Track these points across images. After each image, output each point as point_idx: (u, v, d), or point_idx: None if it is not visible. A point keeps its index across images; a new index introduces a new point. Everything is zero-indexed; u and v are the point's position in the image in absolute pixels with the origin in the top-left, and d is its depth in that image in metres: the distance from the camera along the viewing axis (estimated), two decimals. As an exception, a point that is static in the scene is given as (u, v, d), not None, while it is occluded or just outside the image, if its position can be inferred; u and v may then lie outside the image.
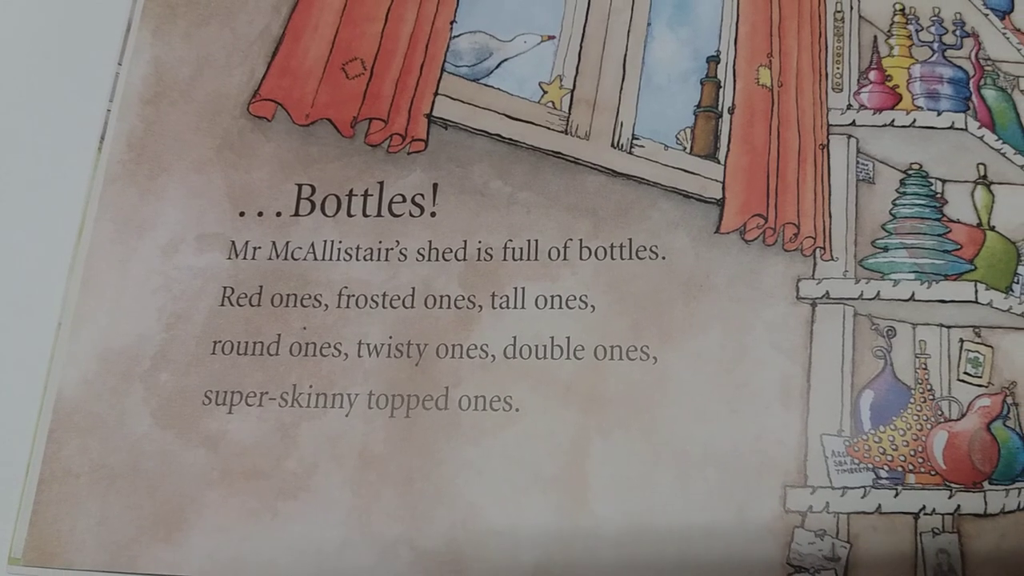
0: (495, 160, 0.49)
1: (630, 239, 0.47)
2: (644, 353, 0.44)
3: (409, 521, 0.43)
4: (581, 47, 0.50)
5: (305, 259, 0.48)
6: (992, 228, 0.47)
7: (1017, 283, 0.45)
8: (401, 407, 0.45)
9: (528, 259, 0.47)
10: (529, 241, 0.47)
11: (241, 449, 0.45)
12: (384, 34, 0.52)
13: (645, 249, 0.46)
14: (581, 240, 0.47)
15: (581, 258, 0.46)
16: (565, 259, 0.47)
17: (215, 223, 0.49)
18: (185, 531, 0.43)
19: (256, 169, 0.50)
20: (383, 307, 0.47)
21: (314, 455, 0.44)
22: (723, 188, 0.47)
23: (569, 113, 0.49)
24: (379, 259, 0.48)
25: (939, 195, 0.47)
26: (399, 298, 0.47)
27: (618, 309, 0.45)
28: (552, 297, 0.46)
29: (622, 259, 0.46)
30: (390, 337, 0.46)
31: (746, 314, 0.45)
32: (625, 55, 0.50)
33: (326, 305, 0.47)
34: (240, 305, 0.48)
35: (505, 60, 0.51)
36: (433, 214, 0.48)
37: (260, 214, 0.49)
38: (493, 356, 0.45)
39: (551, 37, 0.51)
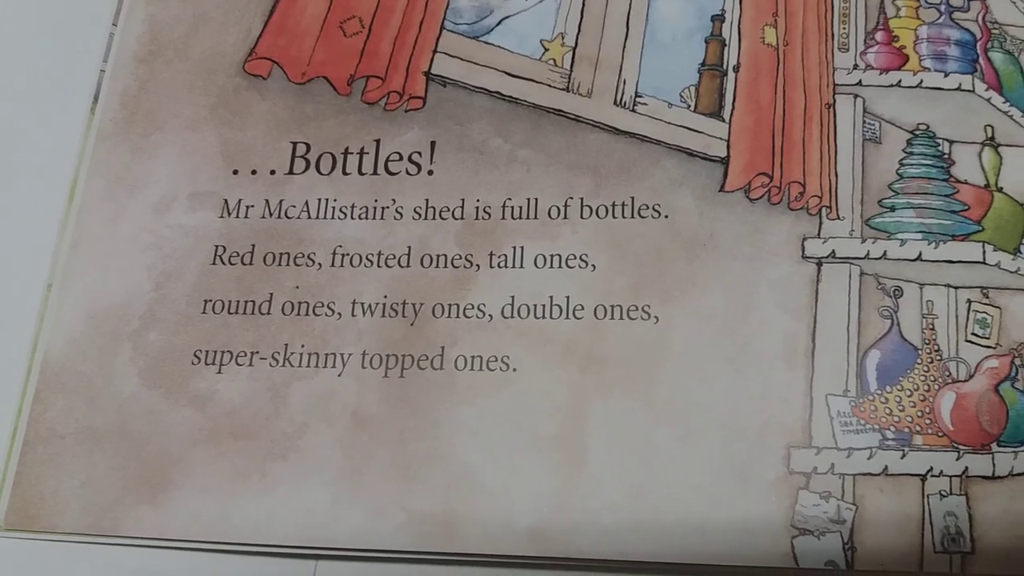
0: (495, 118, 0.48)
1: (632, 198, 0.45)
2: (645, 312, 0.43)
3: (401, 482, 0.41)
4: (584, 4, 0.50)
5: (299, 218, 0.47)
6: (1000, 190, 0.46)
7: (1025, 245, 0.44)
8: (395, 367, 0.43)
9: (527, 218, 0.46)
10: (529, 199, 0.46)
11: (230, 409, 0.43)
12: (382, -8, 0.51)
13: (647, 208, 0.45)
14: (582, 199, 0.46)
15: (582, 217, 0.45)
16: (566, 218, 0.45)
17: (208, 181, 0.48)
18: (171, 492, 0.42)
19: (251, 127, 0.49)
20: (378, 266, 0.45)
21: (305, 415, 0.43)
22: (727, 146, 0.46)
23: (571, 71, 0.48)
24: (374, 218, 0.46)
25: (946, 156, 0.46)
26: (394, 257, 0.45)
27: (619, 268, 0.44)
28: (552, 256, 0.45)
29: (624, 218, 0.45)
30: (385, 296, 0.45)
31: (750, 273, 0.43)
32: (629, 12, 0.49)
33: (320, 264, 0.46)
34: (232, 264, 0.46)
35: (506, 17, 0.50)
36: (431, 172, 0.47)
37: (254, 172, 0.48)
38: (490, 316, 0.44)
39: (553, -6, 0.50)
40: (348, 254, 0.46)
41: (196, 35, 0.52)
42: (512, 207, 0.46)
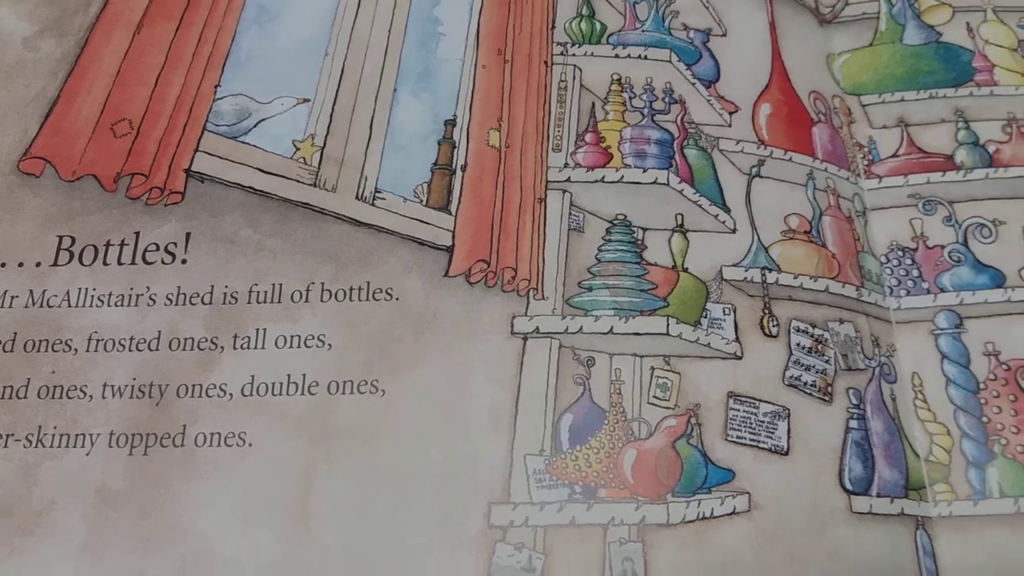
0: (246, 210, 0.52)
1: (368, 282, 0.50)
2: (373, 387, 0.48)
3: (140, 554, 0.44)
4: (333, 109, 0.55)
5: (60, 306, 0.50)
6: (685, 270, 0.53)
7: (705, 317, 0.51)
8: (140, 445, 0.47)
9: (271, 302, 0.50)
10: (273, 285, 0.50)
11: (-17, 490, 0.46)
12: (153, 97, 0.55)
13: (381, 291, 0.50)
14: (323, 283, 0.50)
15: (322, 300, 0.50)
16: (307, 301, 0.50)
17: (-25, 274, 0.51)
18: (-84, 574, 0.44)
19: (21, 222, 0.52)
20: (129, 350, 0.49)
21: (53, 493, 0.45)
22: (453, 236, 0.52)
23: (319, 168, 0.54)
24: (129, 305, 0.50)
25: (640, 241, 0.53)
26: (145, 341, 0.49)
27: (353, 347, 0.49)
28: (292, 337, 0.49)
29: (360, 301, 0.50)
30: (134, 379, 0.48)
31: (466, 349, 0.49)
32: (373, 117, 0.55)
33: (76, 350, 0.49)
34: (-7, 352, 0.49)
35: (263, 120, 0.55)
36: (184, 261, 0.51)
37: (20, 264, 0.51)
38: (231, 395, 0.48)
39: (306, 100, 0.56)
40: (103, 339, 0.49)
41: (-25, 135, 0.55)
42: (258, 292, 0.50)
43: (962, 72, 0.63)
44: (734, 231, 0.54)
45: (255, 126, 0.55)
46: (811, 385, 0.50)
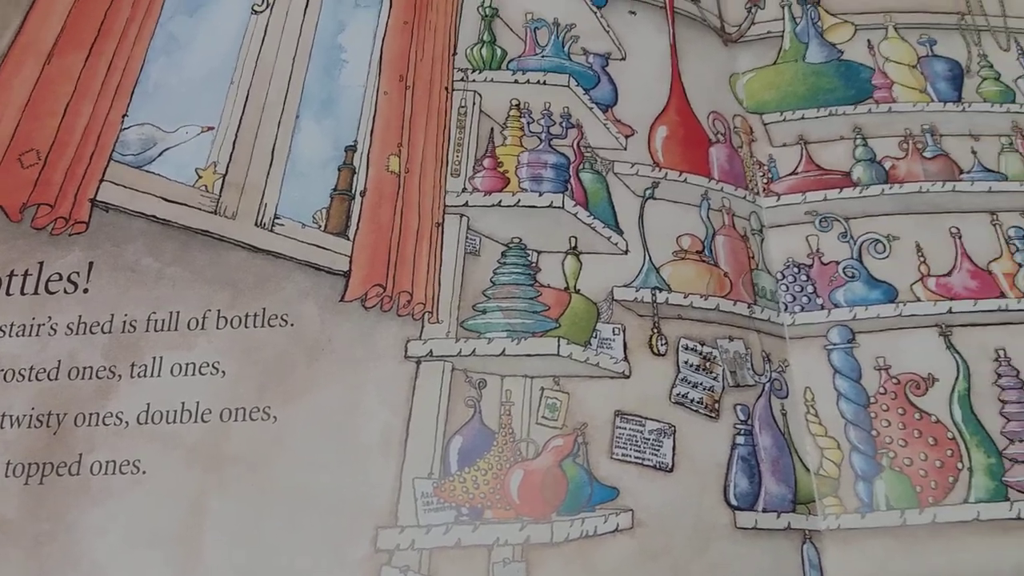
0: (148, 239, 0.53)
1: (264, 308, 0.51)
2: (266, 413, 0.49)
3: (34, 583, 0.45)
4: (236, 136, 0.56)
5: (-38, 338, 0.51)
6: (577, 291, 0.54)
7: (595, 337, 0.52)
8: (36, 475, 0.47)
9: (169, 330, 0.51)
10: (171, 313, 0.51)
11: None
12: (61, 127, 0.56)
13: (277, 317, 0.51)
14: (219, 311, 0.51)
15: (218, 327, 0.51)
16: (203, 328, 0.51)
17: None
18: None
19: (-73, 253, 0.53)
20: (29, 380, 0.49)
21: (-51, 524, 0.46)
22: (350, 261, 0.53)
23: (220, 195, 0.55)
24: (31, 335, 0.51)
25: (534, 264, 0.54)
26: (44, 371, 0.50)
27: (247, 373, 0.50)
28: (187, 365, 0.50)
29: (256, 327, 0.51)
30: (32, 408, 0.49)
31: (360, 373, 0.50)
32: (274, 144, 0.56)
33: (-24, 381, 0.50)
34: None
35: (168, 149, 0.56)
36: (86, 291, 0.52)
37: (-75, 297, 0.52)
38: (127, 422, 0.48)
39: (210, 128, 0.56)
40: (3, 370, 0.50)
41: None
42: (156, 320, 0.51)
43: (861, 89, 0.64)
44: (626, 252, 0.56)
45: (160, 155, 0.55)
46: (698, 402, 0.52)
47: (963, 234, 0.60)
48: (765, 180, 0.62)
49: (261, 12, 0.60)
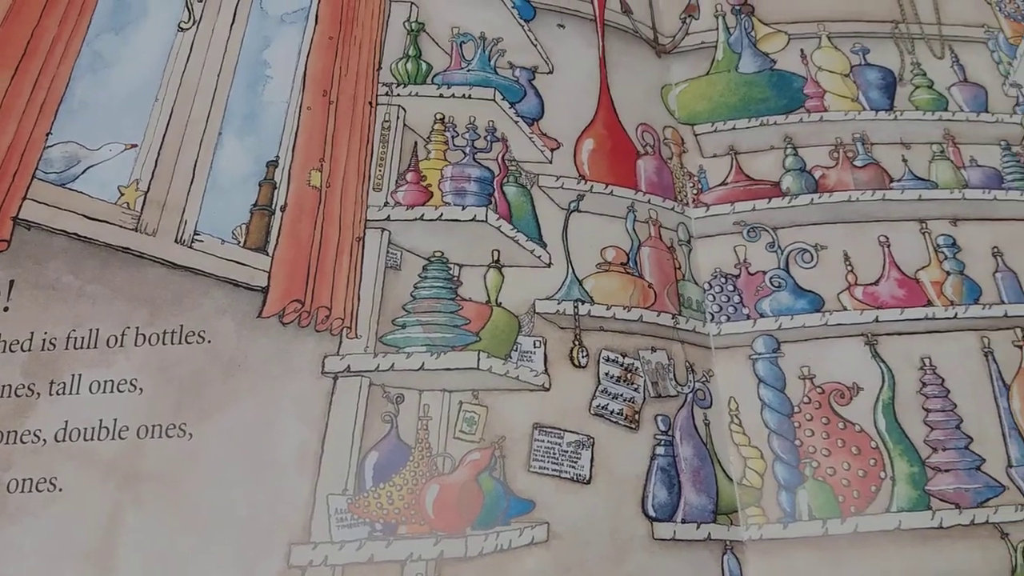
0: (70, 257, 0.53)
1: (181, 325, 0.51)
2: (181, 430, 0.48)
3: (-53, 604, 0.45)
4: (159, 154, 0.56)
5: None
6: (499, 304, 0.54)
7: (516, 350, 0.52)
8: (-47, 494, 0.47)
9: (88, 347, 0.50)
10: (91, 330, 0.51)
11: None
12: (-16, 146, 0.56)
13: (194, 334, 0.51)
14: (138, 328, 0.51)
15: (136, 345, 0.51)
16: (122, 346, 0.51)
17: None
18: None
19: None
20: (-54, 400, 0.50)
21: None
22: (268, 277, 0.53)
23: (141, 213, 0.54)
24: (-51, 355, 0.51)
25: (456, 278, 0.54)
26: (-37, 391, 0.50)
27: (163, 391, 0.49)
28: (105, 382, 0.50)
29: (173, 344, 0.51)
30: (-50, 428, 0.49)
31: (276, 389, 0.50)
32: (196, 160, 0.56)
33: None
34: None
35: (91, 166, 0.56)
36: (6, 309, 0.52)
37: None
38: (45, 440, 0.48)
39: (133, 145, 0.56)
40: (-80, 389, 0.50)
41: None
42: (76, 338, 0.51)
43: (793, 99, 0.65)
44: (549, 265, 0.56)
45: (83, 172, 0.55)
46: (618, 413, 0.52)
47: (892, 242, 0.60)
48: (695, 191, 0.62)
49: (188, 29, 0.60)
